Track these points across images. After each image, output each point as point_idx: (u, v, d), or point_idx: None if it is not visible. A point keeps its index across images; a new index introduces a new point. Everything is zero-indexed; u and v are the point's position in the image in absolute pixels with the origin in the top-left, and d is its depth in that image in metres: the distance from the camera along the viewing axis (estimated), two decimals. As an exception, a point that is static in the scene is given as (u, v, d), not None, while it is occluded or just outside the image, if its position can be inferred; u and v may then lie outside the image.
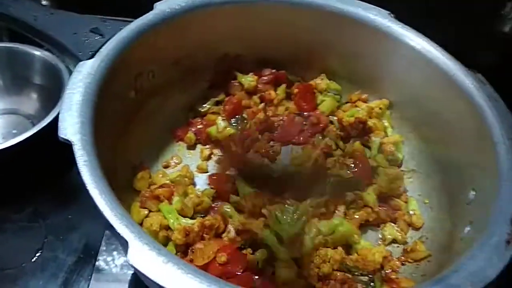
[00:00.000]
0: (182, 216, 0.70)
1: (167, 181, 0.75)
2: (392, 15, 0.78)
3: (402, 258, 0.70)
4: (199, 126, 0.85)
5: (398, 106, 0.85)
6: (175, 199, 0.71)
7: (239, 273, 0.63)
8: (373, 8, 0.79)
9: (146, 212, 0.70)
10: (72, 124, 0.55)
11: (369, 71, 0.84)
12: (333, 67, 0.87)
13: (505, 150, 0.62)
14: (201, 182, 0.79)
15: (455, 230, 0.65)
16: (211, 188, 0.76)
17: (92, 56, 0.65)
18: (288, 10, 0.79)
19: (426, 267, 0.68)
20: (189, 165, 0.80)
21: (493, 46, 1.02)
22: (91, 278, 0.71)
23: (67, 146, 0.55)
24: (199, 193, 0.74)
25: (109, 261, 0.73)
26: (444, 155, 0.76)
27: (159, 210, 0.70)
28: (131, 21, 0.72)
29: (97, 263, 0.72)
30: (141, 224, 0.69)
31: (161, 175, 0.76)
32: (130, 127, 0.74)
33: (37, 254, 0.74)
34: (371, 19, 0.78)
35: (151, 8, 0.74)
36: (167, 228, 0.68)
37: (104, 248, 0.74)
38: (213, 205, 0.74)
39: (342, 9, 0.79)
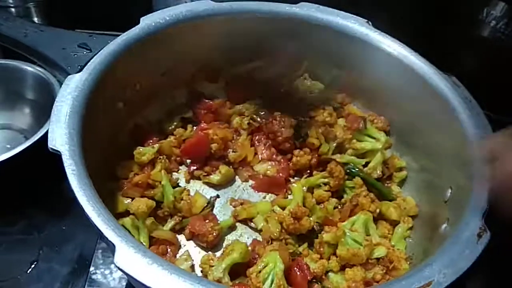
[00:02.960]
0: None
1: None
2: (369, 23, 0.81)
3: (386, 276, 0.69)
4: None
5: (379, 110, 0.87)
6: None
7: None
8: (352, 17, 0.81)
9: (129, 200, 0.73)
10: (60, 135, 0.58)
11: (349, 77, 0.86)
12: (316, 75, 0.89)
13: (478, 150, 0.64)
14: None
15: (434, 228, 0.67)
16: None
17: (80, 70, 0.67)
18: (270, 21, 0.82)
19: (410, 264, 0.70)
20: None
21: (472, 50, 1.04)
22: (85, 288, 0.72)
23: (59, 158, 0.56)
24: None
25: (104, 274, 0.74)
26: (424, 156, 0.78)
27: (142, 196, 0.74)
28: (118, 36, 0.73)
29: (91, 276, 0.73)
30: (125, 213, 0.71)
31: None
32: (119, 136, 0.76)
33: (32, 266, 0.75)
34: (349, 27, 0.80)
35: (138, 23, 0.75)
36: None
37: (99, 260, 0.75)
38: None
39: (322, 19, 0.81)
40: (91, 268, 0.73)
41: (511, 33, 0.98)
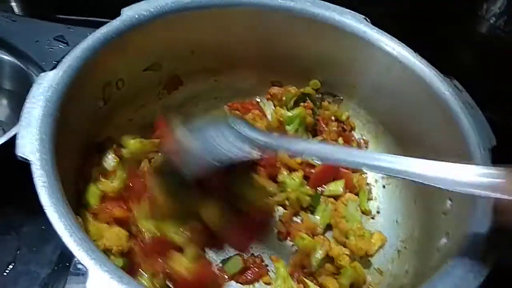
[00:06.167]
0: None
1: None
2: (367, 19, 0.77)
3: None
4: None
5: (375, 111, 0.84)
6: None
7: None
8: (349, 12, 0.78)
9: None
10: (31, 141, 0.53)
11: (345, 75, 0.83)
12: (310, 72, 0.86)
13: (480, 160, 0.61)
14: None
15: (432, 241, 0.64)
16: None
17: (55, 66, 0.62)
18: (262, 15, 0.78)
19: (404, 279, 0.67)
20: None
21: (470, 46, 1.02)
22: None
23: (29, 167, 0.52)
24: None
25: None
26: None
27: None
28: (99, 27, 0.69)
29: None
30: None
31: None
32: (98, 139, 0.72)
33: (9, 267, 0.72)
34: (346, 23, 0.76)
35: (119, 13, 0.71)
36: None
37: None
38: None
39: (318, 14, 0.77)
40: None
41: (511, 30, 0.97)
